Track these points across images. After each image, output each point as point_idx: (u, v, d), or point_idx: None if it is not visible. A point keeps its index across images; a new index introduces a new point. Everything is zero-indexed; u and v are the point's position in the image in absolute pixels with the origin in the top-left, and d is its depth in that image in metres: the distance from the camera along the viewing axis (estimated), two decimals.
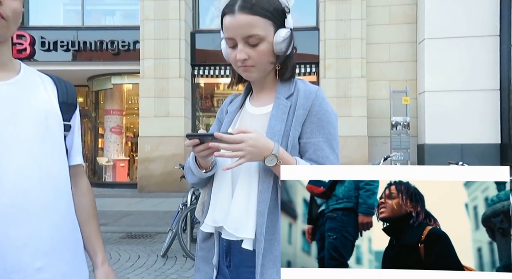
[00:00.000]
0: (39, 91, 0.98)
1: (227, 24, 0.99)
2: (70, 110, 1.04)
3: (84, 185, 1.11)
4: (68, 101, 1.03)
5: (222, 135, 0.90)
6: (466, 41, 7.26)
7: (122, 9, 9.80)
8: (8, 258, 0.87)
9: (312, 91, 1.01)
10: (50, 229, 0.93)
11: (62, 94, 1.02)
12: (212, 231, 1.05)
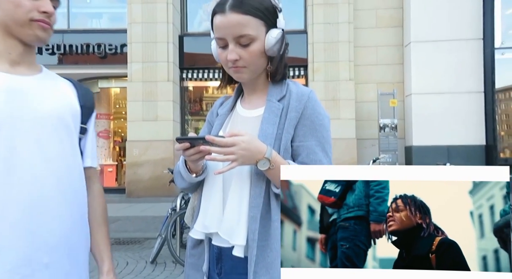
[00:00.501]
0: (61, 90, 1.03)
1: (218, 23, 0.96)
2: (88, 114, 1.09)
3: (96, 189, 1.12)
4: (87, 105, 1.08)
5: (214, 138, 0.87)
6: (451, 44, 7.38)
7: (109, 12, 9.69)
8: (19, 250, 0.88)
9: (305, 94, 0.99)
10: (60, 224, 0.94)
11: (83, 98, 1.07)
12: (202, 237, 1.02)
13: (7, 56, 0.97)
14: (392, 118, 7.49)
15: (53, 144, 0.95)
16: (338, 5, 7.87)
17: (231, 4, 0.94)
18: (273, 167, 0.89)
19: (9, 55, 0.97)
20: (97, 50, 8.56)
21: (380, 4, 8.11)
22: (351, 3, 7.88)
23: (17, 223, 0.88)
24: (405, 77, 8.04)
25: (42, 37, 0.96)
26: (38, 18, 0.94)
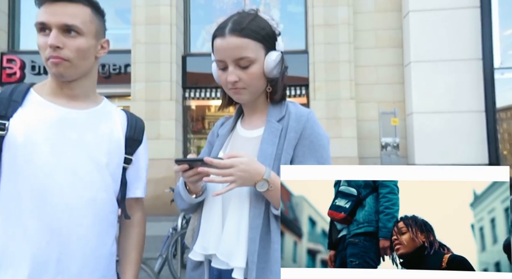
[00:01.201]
0: (109, 123, 1.07)
1: (218, 46, 0.99)
2: (134, 145, 1.11)
3: (136, 218, 1.16)
4: (134, 137, 1.11)
5: (212, 160, 0.88)
6: (451, 64, 7.46)
7: (113, 33, 9.88)
8: (43, 276, 0.90)
9: (304, 114, 1.00)
10: (84, 253, 0.96)
11: (130, 129, 1.11)
12: (201, 259, 1.01)
13: (61, 92, 1.01)
14: (394, 137, 7.49)
15: (89, 175, 0.99)
16: (338, 26, 8.01)
17: (230, 28, 0.97)
18: (272, 188, 0.90)
19: (62, 91, 1.01)
20: (101, 70, 8.68)
21: (379, 25, 8.25)
22: (351, 24, 8.02)
23: (44, 248, 0.91)
24: (406, 96, 8.08)
25: (56, 73, 0.98)
26: (49, 56, 0.96)
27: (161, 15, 8.22)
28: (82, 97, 1.04)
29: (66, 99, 1.02)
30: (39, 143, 0.94)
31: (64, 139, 0.97)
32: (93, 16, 1.02)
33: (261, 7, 8.82)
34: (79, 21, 0.98)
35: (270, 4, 8.90)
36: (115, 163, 1.05)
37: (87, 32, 0.99)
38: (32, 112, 0.96)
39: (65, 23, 0.96)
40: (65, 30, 0.96)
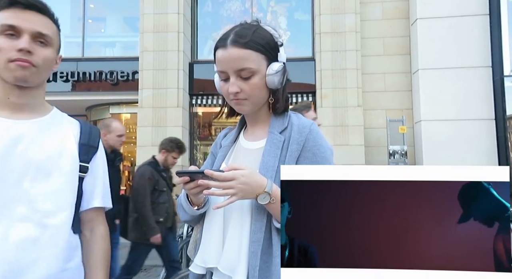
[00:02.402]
0: (58, 132, 1.03)
1: (220, 57, 0.98)
2: (90, 152, 1.06)
3: (99, 232, 1.08)
4: (89, 143, 1.06)
5: (213, 173, 0.87)
6: (459, 72, 7.39)
7: (121, 40, 10.00)
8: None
9: (306, 126, 0.99)
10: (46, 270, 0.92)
11: (84, 136, 1.06)
12: (202, 272, 0.99)
13: (7, 101, 0.98)
14: (402, 145, 7.42)
15: (43, 186, 0.95)
16: (346, 33, 8.00)
17: (232, 39, 0.96)
18: (273, 201, 0.88)
19: (8, 100, 0.98)
20: (109, 77, 8.77)
21: (387, 33, 8.23)
22: (358, 32, 8.01)
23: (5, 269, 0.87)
24: (414, 104, 8.02)
25: (20, 76, 0.95)
26: (15, 58, 0.93)
27: (168, 23, 8.30)
28: (28, 108, 1.00)
29: (10, 111, 0.98)
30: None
31: (10, 153, 0.93)
32: (57, 31, 1.04)
33: (268, 15, 8.88)
34: (50, 32, 1.00)
35: (277, 12, 8.94)
36: (70, 173, 1.00)
37: (53, 44, 1.02)
38: None
39: (39, 32, 0.97)
40: (36, 38, 0.97)
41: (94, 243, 1.06)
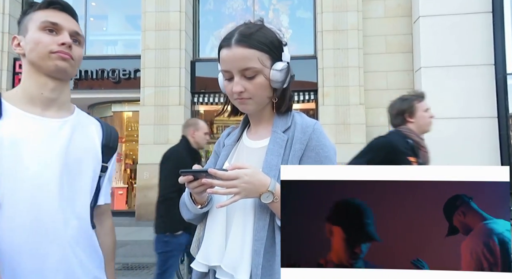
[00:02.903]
0: (87, 132, 1.09)
1: (224, 57, 0.99)
2: (110, 153, 1.14)
3: (108, 225, 1.18)
4: (110, 145, 1.13)
5: (216, 172, 0.87)
6: (462, 70, 7.36)
7: (123, 39, 10.00)
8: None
9: (310, 125, 0.99)
10: (77, 258, 0.98)
11: (107, 137, 1.13)
12: (205, 270, 1.00)
13: (40, 97, 1.03)
14: None
15: (75, 186, 1.01)
16: (348, 31, 7.98)
17: (236, 39, 0.96)
18: (276, 200, 0.88)
19: (41, 96, 1.03)
20: (111, 75, 8.78)
21: (389, 31, 8.20)
22: (360, 30, 7.99)
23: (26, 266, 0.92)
24: None
25: (61, 66, 1.02)
26: (56, 50, 1.01)
27: (170, 21, 8.30)
28: (58, 104, 1.05)
29: (41, 108, 1.03)
30: (25, 156, 0.95)
31: (46, 151, 0.98)
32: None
33: (270, 13, 8.86)
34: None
35: (279, 10, 8.92)
36: (94, 171, 1.08)
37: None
38: (12, 124, 0.97)
39: (76, 31, 1.06)
40: (73, 37, 1.05)
41: (104, 235, 1.14)
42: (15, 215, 0.92)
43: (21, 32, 1.05)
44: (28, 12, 1.04)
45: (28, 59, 1.02)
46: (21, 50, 1.04)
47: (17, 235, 0.92)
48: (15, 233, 0.92)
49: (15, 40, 1.05)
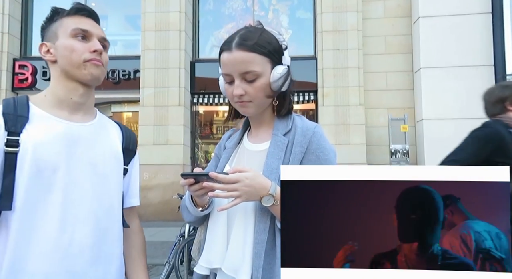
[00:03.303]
0: (109, 135, 1.12)
1: (225, 60, 0.99)
2: (130, 156, 1.16)
3: (136, 225, 1.21)
4: (129, 147, 1.16)
5: (217, 175, 0.88)
6: (462, 70, 7.37)
7: (123, 39, 10.00)
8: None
9: (310, 129, 1.00)
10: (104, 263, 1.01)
11: (126, 140, 1.15)
12: (207, 273, 1.01)
13: (69, 101, 1.05)
14: (404, 144, 7.42)
15: (102, 188, 1.03)
16: (347, 32, 7.99)
17: (237, 42, 0.97)
18: (277, 203, 0.89)
19: (70, 101, 1.05)
20: (111, 75, 8.78)
21: (389, 31, 8.21)
22: (360, 30, 8.00)
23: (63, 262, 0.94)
24: (416, 103, 8.02)
25: (96, 74, 1.05)
26: (90, 58, 1.03)
27: (170, 21, 8.30)
28: (84, 109, 1.08)
29: (68, 112, 1.05)
30: (50, 159, 0.96)
31: (71, 154, 1.00)
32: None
33: (270, 14, 8.87)
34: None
35: (279, 10, 8.93)
36: (118, 175, 1.10)
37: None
38: (39, 127, 0.98)
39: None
40: (101, 43, 1.08)
41: (133, 234, 1.17)
42: (39, 219, 0.93)
43: (49, 39, 1.06)
44: (56, 19, 1.06)
45: (60, 66, 1.04)
46: (51, 57, 1.05)
47: (44, 239, 0.93)
48: (41, 237, 0.93)
49: (44, 47, 1.07)
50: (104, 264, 1.01)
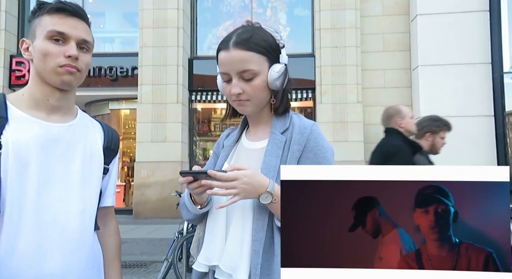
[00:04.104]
0: (89, 135, 1.09)
1: (222, 59, 1.00)
2: (112, 155, 1.14)
3: (112, 227, 1.18)
4: (111, 147, 1.13)
5: (216, 173, 0.88)
6: (459, 68, 7.39)
7: (121, 36, 9.96)
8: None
9: (307, 127, 1.00)
10: (79, 263, 0.99)
11: (108, 140, 1.13)
12: (205, 270, 1.01)
13: (46, 103, 1.02)
14: None
15: (78, 189, 1.02)
16: (345, 29, 7.99)
17: (234, 41, 0.97)
18: (275, 201, 0.90)
19: (47, 102, 1.02)
20: (108, 73, 8.76)
21: (387, 29, 8.21)
22: (358, 28, 8.00)
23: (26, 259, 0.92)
24: (414, 101, 8.03)
25: (67, 81, 1.00)
26: (64, 63, 0.99)
27: (168, 18, 8.27)
28: (63, 110, 1.05)
29: (46, 112, 1.02)
30: (28, 161, 0.95)
31: (48, 156, 0.98)
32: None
33: (268, 11, 8.85)
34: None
35: (277, 8, 8.91)
36: (98, 175, 1.08)
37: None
38: (17, 128, 0.96)
39: (84, 39, 1.02)
40: (80, 44, 1.02)
41: (108, 237, 1.15)
42: (21, 220, 0.93)
43: (30, 36, 1.03)
44: (37, 15, 1.02)
45: (35, 68, 1.01)
46: (29, 56, 1.03)
47: (23, 240, 0.92)
48: (21, 239, 0.92)
49: (24, 44, 1.04)
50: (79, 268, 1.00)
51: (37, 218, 0.94)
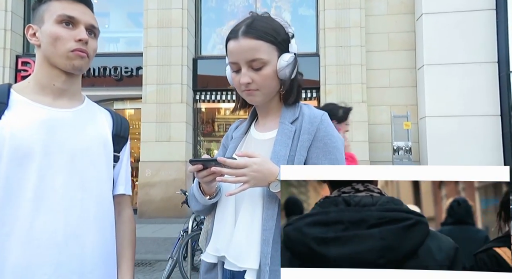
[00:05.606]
0: (97, 121, 1.09)
1: (231, 48, 0.99)
2: (121, 143, 1.14)
3: (126, 215, 1.17)
4: (120, 134, 1.13)
5: (225, 160, 0.88)
6: (465, 67, 7.35)
7: (126, 36, 10.00)
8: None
9: (317, 116, 1.00)
10: (93, 250, 0.99)
11: (117, 127, 1.13)
12: (214, 261, 1.00)
13: (51, 87, 1.02)
14: (406, 141, 7.40)
15: (85, 175, 1.00)
16: (350, 29, 7.97)
17: (243, 30, 0.97)
18: None
19: (53, 87, 1.02)
20: (113, 72, 8.79)
21: (392, 28, 8.18)
22: (363, 27, 7.97)
23: (43, 252, 0.91)
24: (419, 100, 7.99)
25: (78, 65, 1.01)
26: (75, 48, 1.00)
27: (172, 18, 8.29)
28: (69, 94, 1.05)
29: (52, 98, 1.02)
30: (30, 145, 0.94)
31: (54, 140, 0.97)
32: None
33: (272, 10, 8.85)
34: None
35: (281, 7, 8.91)
36: (107, 162, 1.07)
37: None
38: (18, 114, 0.96)
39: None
40: (89, 30, 1.03)
41: (122, 224, 1.13)
42: (20, 204, 0.91)
43: (36, 22, 1.03)
44: (45, 1, 1.02)
45: (43, 52, 1.01)
46: (36, 41, 1.02)
47: (19, 229, 0.91)
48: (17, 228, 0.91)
49: (31, 30, 1.03)
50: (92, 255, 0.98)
51: (39, 204, 0.92)
